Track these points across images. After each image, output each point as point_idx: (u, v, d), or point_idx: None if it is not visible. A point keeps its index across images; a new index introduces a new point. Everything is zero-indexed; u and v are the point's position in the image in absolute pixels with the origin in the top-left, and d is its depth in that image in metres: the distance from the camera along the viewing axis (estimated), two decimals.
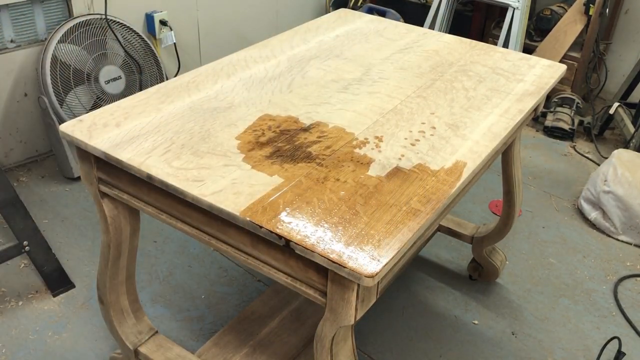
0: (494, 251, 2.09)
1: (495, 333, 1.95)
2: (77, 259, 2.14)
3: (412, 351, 1.86)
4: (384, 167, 1.15)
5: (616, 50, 3.52)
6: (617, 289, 2.15)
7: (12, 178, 2.55)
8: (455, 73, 1.57)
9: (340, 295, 0.96)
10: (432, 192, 1.08)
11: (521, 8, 3.04)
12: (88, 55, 2.48)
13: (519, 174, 1.85)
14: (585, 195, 2.54)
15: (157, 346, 1.53)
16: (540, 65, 1.65)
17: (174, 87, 1.41)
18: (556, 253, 2.32)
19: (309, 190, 1.06)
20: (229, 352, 1.64)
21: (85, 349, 1.80)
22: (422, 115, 1.35)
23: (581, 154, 3.03)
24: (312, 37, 1.75)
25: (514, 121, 1.35)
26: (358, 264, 0.90)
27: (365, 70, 1.56)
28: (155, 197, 1.17)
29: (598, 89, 3.52)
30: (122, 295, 1.49)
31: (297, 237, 0.95)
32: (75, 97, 2.47)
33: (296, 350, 1.66)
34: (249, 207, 1.01)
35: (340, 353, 1.08)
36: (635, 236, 2.39)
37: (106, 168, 1.22)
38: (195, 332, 1.88)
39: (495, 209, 2.56)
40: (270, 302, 1.80)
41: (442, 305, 2.04)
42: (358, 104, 1.38)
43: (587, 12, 3.17)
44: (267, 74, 1.51)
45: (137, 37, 2.66)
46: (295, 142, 1.21)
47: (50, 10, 2.50)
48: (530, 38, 3.44)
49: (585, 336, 1.95)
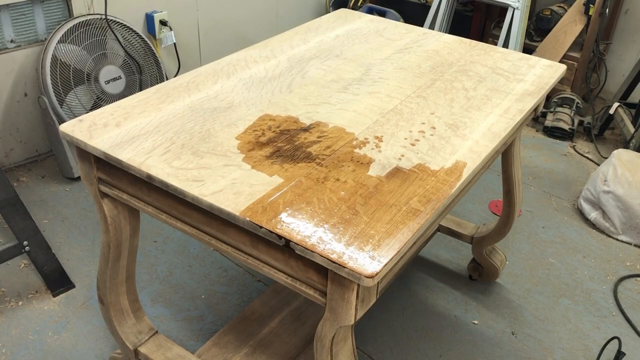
0: (494, 251, 2.09)
1: (495, 333, 1.95)
2: (77, 259, 2.14)
3: (412, 351, 1.86)
4: (384, 167, 1.15)
5: (616, 50, 3.52)
6: (617, 289, 2.15)
7: (12, 178, 2.55)
8: (455, 73, 1.57)
9: (340, 295, 0.96)
10: (432, 192, 1.08)
11: (521, 8, 3.04)
12: (88, 55, 2.48)
13: (519, 174, 1.85)
14: (585, 195, 2.54)
15: (157, 346, 1.54)
16: (540, 65, 1.65)
17: (174, 87, 1.41)
18: (556, 253, 2.32)
19: (309, 190, 1.06)
20: (229, 352, 1.64)
21: (85, 349, 1.80)
22: (422, 115, 1.35)
23: (581, 154, 3.03)
24: (312, 37, 1.75)
25: (514, 121, 1.35)
26: (358, 264, 0.90)
27: (365, 70, 1.56)
28: (155, 197, 1.17)
29: (598, 89, 3.52)
30: (122, 295, 1.49)
31: (297, 237, 0.95)
32: (75, 97, 2.47)
33: (296, 350, 1.66)
34: (249, 207, 1.01)
35: (340, 353, 1.08)
36: (635, 236, 2.39)
37: (106, 168, 1.22)
38: (195, 332, 1.88)
39: (495, 209, 2.56)
40: (270, 302, 1.80)
41: (442, 305, 2.05)
42: (358, 104, 1.38)
43: (587, 12, 3.17)
44: (267, 74, 1.51)
45: (137, 37, 2.66)
46: (295, 142, 1.21)
47: (50, 10, 2.50)
48: (530, 38, 3.44)
49: (585, 336, 1.95)
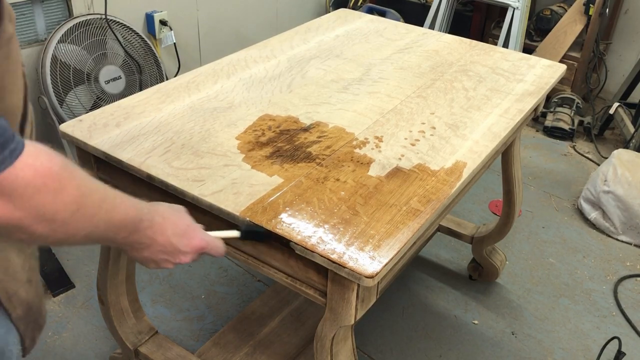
0: (494, 251, 2.09)
1: (495, 333, 1.95)
2: (77, 259, 2.14)
3: (412, 351, 1.86)
4: (384, 167, 1.15)
5: (616, 50, 3.51)
6: (617, 289, 2.15)
7: None
8: (455, 73, 1.57)
9: (340, 295, 0.96)
10: (432, 192, 1.08)
11: (521, 8, 3.04)
12: (88, 55, 2.48)
13: (519, 174, 1.85)
14: (585, 195, 2.54)
15: (157, 346, 1.54)
16: (540, 65, 1.65)
17: (174, 87, 1.41)
18: (556, 253, 2.32)
19: (309, 190, 1.06)
20: (229, 352, 1.64)
21: (85, 349, 1.80)
22: (422, 115, 1.35)
23: (581, 154, 3.03)
24: (312, 37, 1.75)
25: (514, 121, 1.35)
26: (358, 264, 0.90)
27: (365, 70, 1.56)
28: (155, 197, 1.17)
29: (598, 89, 3.52)
30: (122, 295, 1.49)
31: (298, 238, 0.95)
32: (75, 97, 2.47)
33: (296, 350, 1.66)
34: (249, 207, 1.01)
35: (340, 353, 1.08)
36: (635, 236, 2.39)
37: (106, 168, 1.22)
38: (195, 332, 1.88)
39: (495, 209, 2.56)
40: (270, 302, 1.80)
41: (442, 305, 2.04)
42: (358, 104, 1.38)
43: (587, 12, 3.17)
44: (267, 74, 1.51)
45: (137, 37, 2.66)
46: (295, 142, 1.21)
47: (50, 10, 2.50)
48: (530, 38, 3.44)
49: (585, 336, 1.95)
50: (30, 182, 0.61)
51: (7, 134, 0.60)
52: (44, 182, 0.62)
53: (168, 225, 0.86)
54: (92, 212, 0.69)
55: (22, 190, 0.60)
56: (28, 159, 0.61)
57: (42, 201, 0.62)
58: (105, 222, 0.72)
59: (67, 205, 0.65)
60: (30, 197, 0.61)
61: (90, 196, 0.69)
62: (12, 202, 0.60)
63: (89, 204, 0.68)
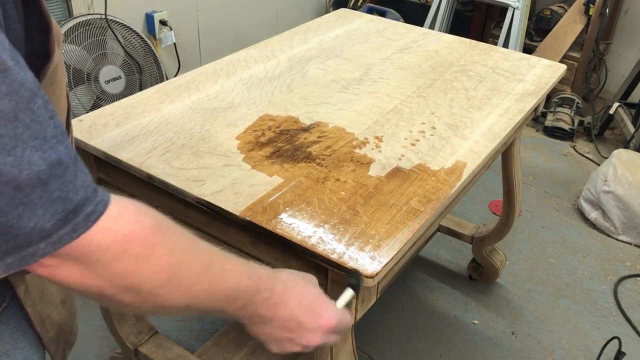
0: (494, 251, 2.09)
1: (495, 333, 1.95)
2: None
3: (412, 351, 1.86)
4: (384, 167, 1.15)
5: (616, 50, 3.52)
6: (617, 289, 2.15)
7: None
8: (455, 73, 1.57)
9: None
10: (432, 192, 1.08)
11: (521, 8, 3.04)
12: (88, 55, 2.48)
13: (519, 174, 1.85)
14: (585, 195, 2.54)
15: (157, 346, 1.54)
16: (540, 65, 1.65)
17: (174, 87, 1.41)
18: (556, 253, 2.32)
19: (309, 190, 1.06)
20: (229, 352, 1.64)
21: (85, 349, 1.80)
22: (422, 115, 1.35)
23: (581, 154, 3.03)
24: (312, 37, 1.75)
25: (514, 121, 1.35)
26: (358, 264, 0.90)
27: (365, 70, 1.56)
28: (155, 197, 1.17)
29: (598, 89, 3.52)
30: None
31: (298, 238, 0.95)
32: (75, 97, 2.47)
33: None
34: (249, 207, 1.01)
35: (340, 353, 1.08)
36: (635, 236, 2.39)
37: (106, 168, 1.22)
38: (195, 332, 1.88)
39: (495, 209, 2.56)
40: None
41: (442, 305, 2.04)
42: (358, 104, 1.38)
43: (587, 12, 3.17)
44: (267, 74, 1.51)
45: (137, 37, 2.66)
46: (295, 142, 1.21)
47: (50, 10, 2.50)
48: (530, 38, 3.44)
49: (585, 336, 1.95)
50: (107, 248, 0.54)
51: (86, 193, 0.53)
52: (125, 249, 0.55)
53: (292, 296, 0.74)
54: (191, 282, 0.61)
55: (98, 256, 0.54)
56: (107, 221, 0.54)
57: (123, 269, 0.55)
58: (207, 293, 0.63)
59: (155, 275, 0.57)
60: (108, 264, 0.55)
61: (188, 264, 0.60)
62: (89, 269, 0.54)
63: (184, 274, 0.60)
